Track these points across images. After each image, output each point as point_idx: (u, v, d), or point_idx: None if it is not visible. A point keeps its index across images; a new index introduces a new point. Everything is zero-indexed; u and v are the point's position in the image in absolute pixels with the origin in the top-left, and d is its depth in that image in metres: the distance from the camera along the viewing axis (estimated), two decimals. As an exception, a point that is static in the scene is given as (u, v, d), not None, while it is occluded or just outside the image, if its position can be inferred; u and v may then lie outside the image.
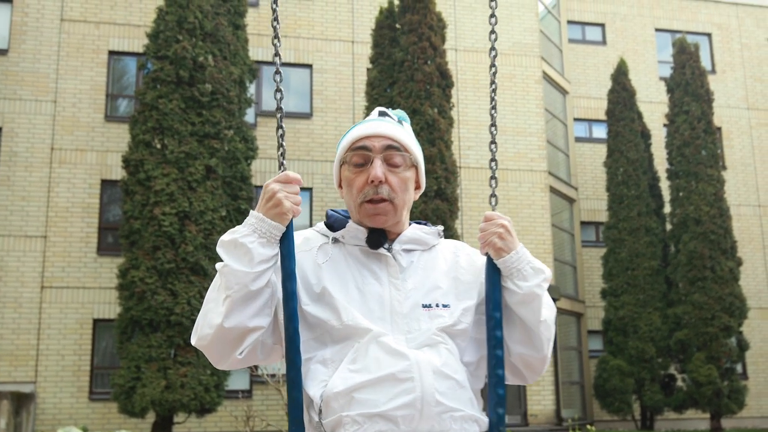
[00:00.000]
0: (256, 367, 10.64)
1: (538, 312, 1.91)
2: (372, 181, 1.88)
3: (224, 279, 1.78)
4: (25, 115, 15.42)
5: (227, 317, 1.76)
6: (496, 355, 1.89)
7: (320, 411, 1.77)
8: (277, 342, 1.89)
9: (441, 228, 2.03)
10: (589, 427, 12.68)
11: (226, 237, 1.81)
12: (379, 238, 1.90)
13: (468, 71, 17.51)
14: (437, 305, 1.87)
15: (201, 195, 12.51)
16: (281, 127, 1.92)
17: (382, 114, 2.02)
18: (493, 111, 2.08)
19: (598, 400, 17.20)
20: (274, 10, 1.89)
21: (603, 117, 19.49)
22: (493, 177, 2.06)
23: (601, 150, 19.79)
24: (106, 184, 15.53)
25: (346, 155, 1.95)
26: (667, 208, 18.52)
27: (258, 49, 16.28)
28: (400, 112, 2.05)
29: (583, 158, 20.55)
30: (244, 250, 1.78)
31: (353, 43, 17.29)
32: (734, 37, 22.23)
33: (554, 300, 14.27)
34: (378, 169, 1.88)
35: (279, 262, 1.84)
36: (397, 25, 14.75)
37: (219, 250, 1.81)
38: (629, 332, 17.05)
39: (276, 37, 1.92)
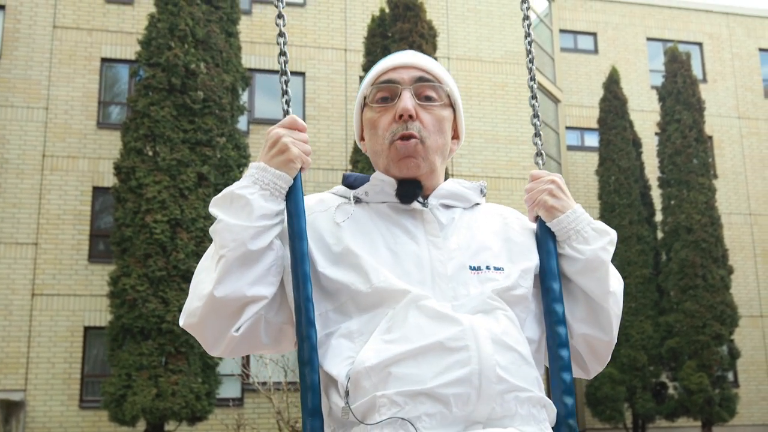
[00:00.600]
0: (247, 375, 10.60)
1: (606, 282, 1.58)
2: (401, 116, 1.56)
3: (218, 238, 1.48)
4: (17, 122, 15.38)
5: (221, 282, 1.44)
6: (558, 333, 1.56)
7: (347, 393, 1.41)
8: (287, 322, 1.55)
9: (484, 184, 1.71)
10: (580, 435, 12.67)
11: (219, 194, 1.53)
12: (412, 189, 1.57)
13: (460, 80, 17.55)
14: (488, 267, 1.53)
15: (193, 202, 12.49)
16: (285, 72, 1.73)
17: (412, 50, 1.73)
18: (530, 63, 1.82)
19: (590, 408, 17.20)
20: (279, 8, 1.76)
21: (595, 125, 19.55)
22: (537, 134, 1.80)
23: (593, 158, 19.85)
24: (97, 191, 15.49)
25: (368, 92, 1.64)
26: (659, 217, 18.57)
27: (251, 57, 16.29)
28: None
29: (575, 166, 20.60)
30: (242, 202, 1.47)
31: (346, 51, 17.32)
32: (725, 47, 22.35)
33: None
34: (407, 101, 1.57)
35: (285, 224, 1.53)
36: (389, 34, 14.78)
37: (212, 209, 1.52)
38: (621, 340, 17.06)
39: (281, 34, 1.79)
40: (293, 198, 1.52)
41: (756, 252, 20.84)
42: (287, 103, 1.68)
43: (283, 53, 1.72)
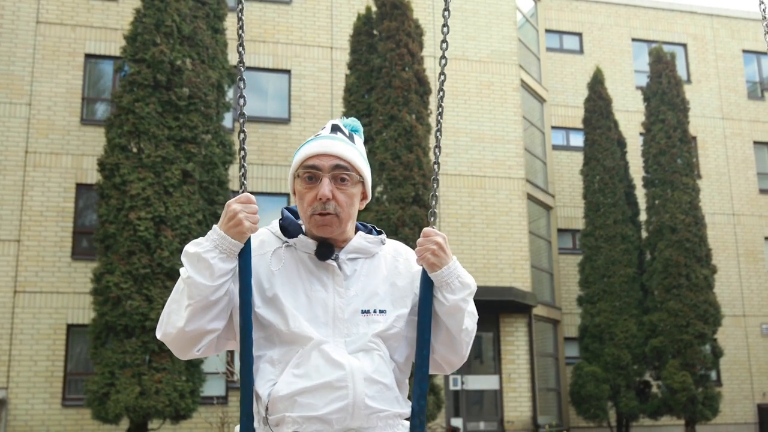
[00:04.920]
0: (231, 372, 10.59)
1: (461, 322, 2.15)
2: (320, 198, 2.07)
3: (187, 289, 2.00)
4: None
5: (188, 322, 2.00)
6: (423, 354, 2.13)
7: (267, 408, 2.01)
8: (231, 338, 2.15)
9: (383, 237, 2.24)
10: (564, 433, 12.70)
11: (190, 249, 2.02)
12: (326, 251, 2.12)
13: (446, 78, 17.53)
14: (375, 311, 2.11)
15: (177, 200, 12.42)
16: (243, 131, 2.14)
17: (334, 129, 2.21)
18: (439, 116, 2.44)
19: (574, 406, 17.26)
20: (240, 18, 2.12)
21: (580, 125, 19.62)
22: (434, 195, 2.26)
23: (578, 158, 19.92)
24: (81, 188, 15.38)
25: (298, 170, 2.14)
26: (643, 216, 18.66)
27: (236, 54, 16.20)
28: (353, 123, 2.24)
29: (560, 166, 20.67)
30: (205, 265, 1.99)
31: (332, 49, 17.29)
32: (709, 48, 22.49)
33: (530, 307, 14.24)
34: (326, 187, 2.08)
35: (237, 273, 2.06)
36: (375, 32, 14.76)
37: (183, 259, 2.02)
38: (605, 339, 17.14)
39: (241, 45, 2.16)
40: (243, 257, 2.04)
41: (739, 252, 20.98)
42: (243, 176, 2.15)
43: (242, 114, 2.22)
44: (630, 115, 20.86)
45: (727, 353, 18.96)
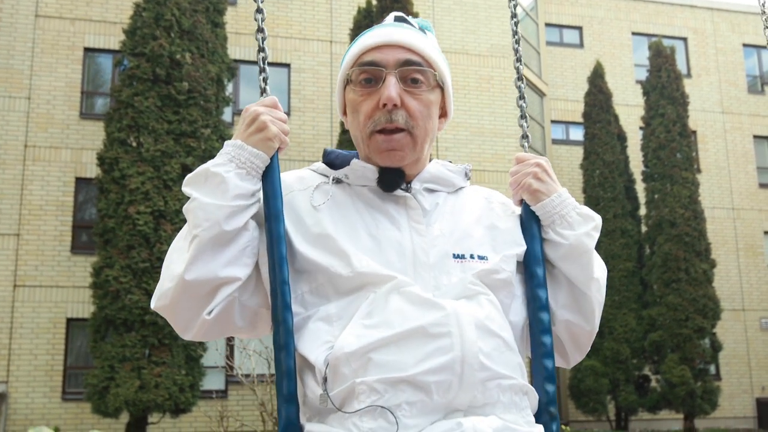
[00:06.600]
0: (231, 367, 10.56)
1: (589, 268, 1.56)
2: (384, 105, 1.48)
3: (192, 217, 1.43)
4: (-1, 112, 15.26)
5: (193, 263, 1.39)
6: (541, 319, 1.54)
7: (325, 379, 1.36)
8: (262, 305, 1.49)
9: (469, 166, 1.66)
10: (564, 427, 12.72)
11: (195, 171, 1.49)
12: (394, 178, 1.52)
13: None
14: (472, 256, 1.49)
15: (177, 194, 12.41)
16: (263, 49, 1.64)
17: (399, 20, 1.63)
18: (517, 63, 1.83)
19: (573, 400, 17.29)
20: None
21: (580, 119, 19.61)
22: (522, 116, 1.81)
23: (578, 152, 19.91)
24: (80, 182, 15.37)
25: (350, 72, 1.55)
26: (643, 210, 18.66)
27: (236, 48, 16.19)
28: (423, 21, 1.64)
29: (560, 160, 20.66)
30: (217, 180, 1.43)
31: (331, 43, 17.26)
32: (710, 42, 22.45)
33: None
34: (392, 88, 1.48)
35: (261, 205, 1.48)
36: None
37: (185, 188, 1.48)
38: (604, 333, 17.16)
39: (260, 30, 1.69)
40: (270, 178, 1.47)
41: (738, 246, 20.98)
42: (264, 81, 1.59)
43: (261, 49, 1.64)
44: (630, 109, 20.84)
45: (726, 347, 18.99)
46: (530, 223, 1.59)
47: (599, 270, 1.59)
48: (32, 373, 14.37)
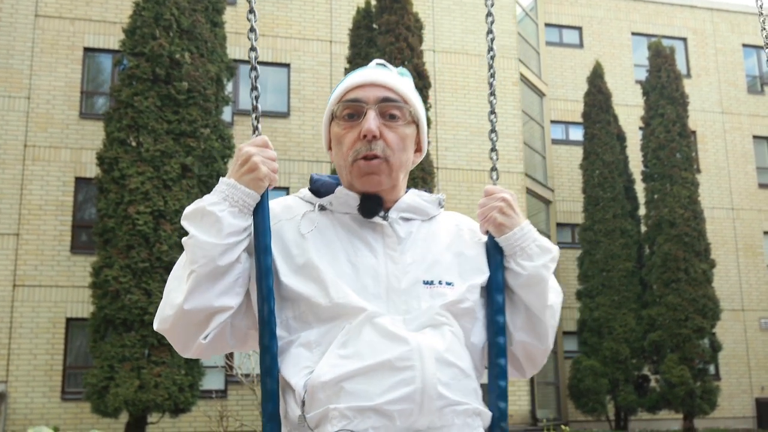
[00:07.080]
0: (230, 366, 10.58)
1: (544, 296, 1.70)
2: (365, 136, 1.63)
3: (189, 252, 1.56)
4: (-2, 112, 15.26)
5: (191, 295, 1.54)
6: (497, 342, 1.68)
7: (303, 403, 1.52)
8: (252, 327, 1.66)
9: (442, 197, 1.80)
10: (563, 427, 12.73)
11: (191, 207, 1.60)
12: (373, 205, 1.66)
13: (446, 72, 17.54)
14: (440, 282, 1.64)
15: (176, 194, 12.41)
16: (256, 88, 1.76)
17: (380, 65, 1.77)
18: (491, 97, 2.03)
19: (573, 400, 17.29)
20: (250, 2, 1.76)
21: (579, 119, 19.61)
22: (493, 149, 1.95)
23: (578, 152, 19.91)
24: (80, 181, 15.37)
25: (335, 108, 1.70)
26: (642, 211, 18.66)
27: (236, 47, 16.18)
28: (401, 69, 1.80)
29: (560, 160, 20.67)
30: (212, 219, 1.55)
31: (331, 43, 17.26)
32: (709, 42, 22.46)
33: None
34: (372, 121, 1.63)
35: (252, 237, 1.62)
36: (375, 26, 14.73)
37: (183, 222, 1.59)
38: (604, 333, 17.16)
39: (252, 30, 1.77)
40: (260, 214, 1.61)
41: (738, 246, 20.99)
42: (257, 118, 1.73)
43: (253, 48, 1.76)
44: (630, 109, 20.85)
45: (726, 347, 18.99)
46: (494, 252, 1.74)
47: (554, 297, 1.74)
48: (32, 373, 14.37)
